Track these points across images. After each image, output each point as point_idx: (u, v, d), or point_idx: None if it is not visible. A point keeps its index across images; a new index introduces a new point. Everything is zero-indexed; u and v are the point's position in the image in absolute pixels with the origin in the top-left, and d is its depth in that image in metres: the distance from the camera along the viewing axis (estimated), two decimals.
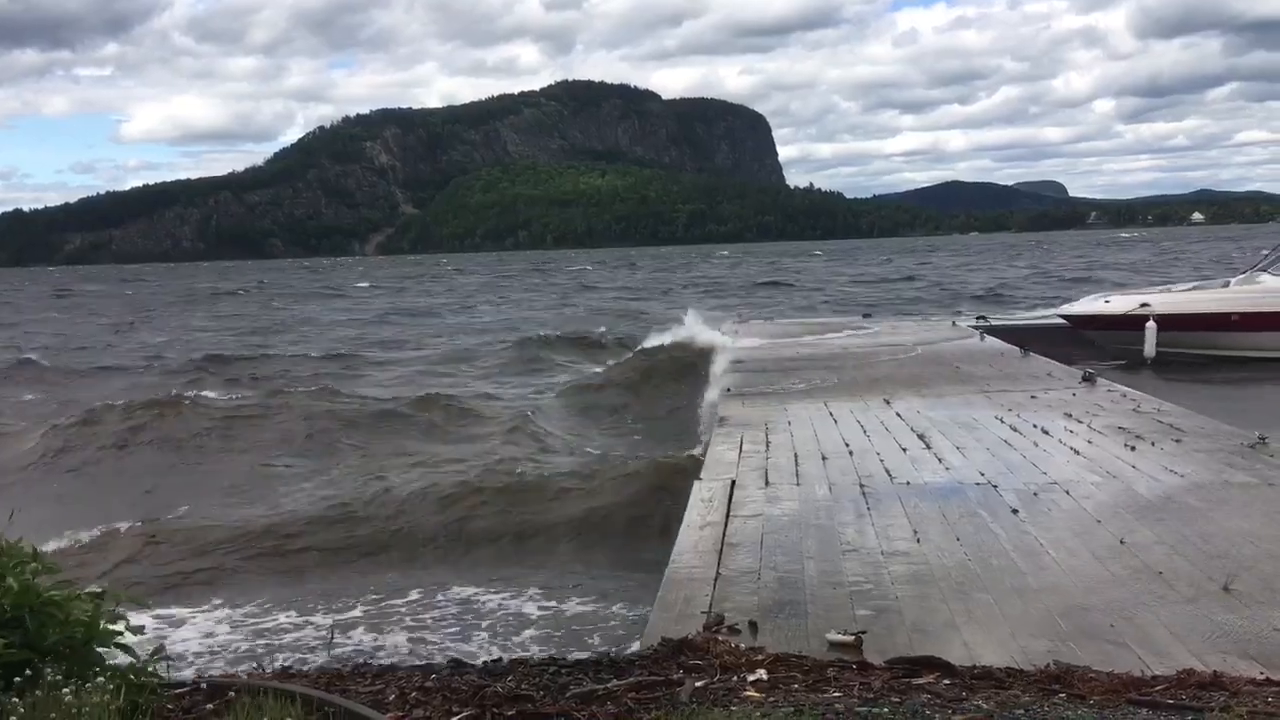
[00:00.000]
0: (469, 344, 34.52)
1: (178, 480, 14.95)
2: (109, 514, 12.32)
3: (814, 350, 18.57)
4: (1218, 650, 4.59)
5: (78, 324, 52.08)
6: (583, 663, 4.61)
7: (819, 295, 53.89)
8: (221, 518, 12.27)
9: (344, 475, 14.30)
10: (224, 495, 13.90)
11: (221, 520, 12.11)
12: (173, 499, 13.61)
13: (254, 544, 11.20)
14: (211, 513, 12.71)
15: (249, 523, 11.84)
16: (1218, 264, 57.31)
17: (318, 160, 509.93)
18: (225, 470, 15.30)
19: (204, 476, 15.09)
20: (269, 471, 15.05)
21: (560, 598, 9.26)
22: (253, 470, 15.13)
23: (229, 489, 14.22)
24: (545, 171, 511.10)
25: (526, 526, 11.42)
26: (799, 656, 4.55)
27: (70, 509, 13.20)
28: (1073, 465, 8.57)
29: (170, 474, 15.34)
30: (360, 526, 11.62)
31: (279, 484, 14.24)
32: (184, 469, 15.63)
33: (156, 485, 14.69)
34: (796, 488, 8.14)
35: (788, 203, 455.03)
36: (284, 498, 13.42)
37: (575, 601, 9.16)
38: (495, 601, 9.23)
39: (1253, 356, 18.98)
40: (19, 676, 3.23)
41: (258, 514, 12.37)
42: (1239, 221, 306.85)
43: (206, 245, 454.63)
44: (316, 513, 12.09)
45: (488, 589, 9.58)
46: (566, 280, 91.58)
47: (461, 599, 9.37)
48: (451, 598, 9.41)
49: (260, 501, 13.29)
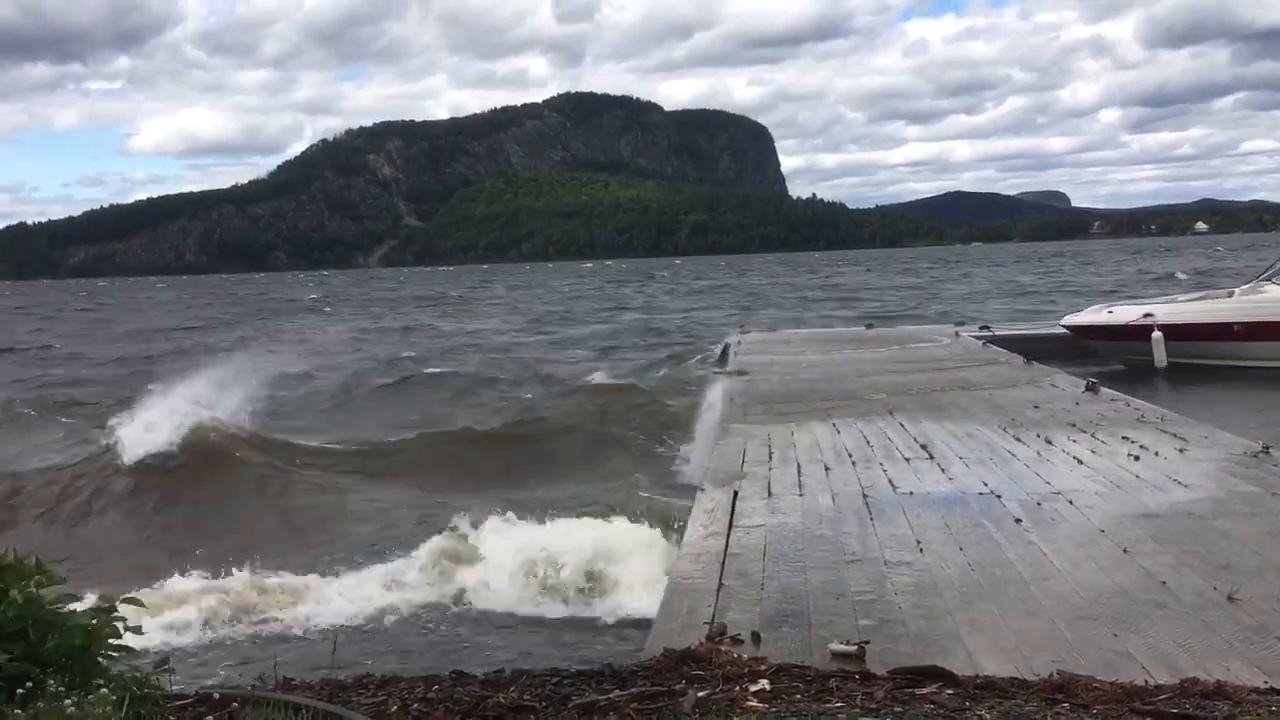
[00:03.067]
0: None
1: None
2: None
3: (816, 359, 18.57)
4: (1222, 660, 4.57)
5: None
6: (585, 673, 4.61)
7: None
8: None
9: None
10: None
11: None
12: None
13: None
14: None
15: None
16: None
17: (321, 172, 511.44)
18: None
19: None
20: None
21: None
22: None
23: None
24: (548, 183, 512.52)
25: None
26: (801, 667, 4.55)
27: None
28: (1076, 475, 8.56)
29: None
30: None
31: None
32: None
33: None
34: (799, 498, 8.14)
35: (790, 213, 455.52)
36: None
37: None
38: None
39: (1256, 367, 18.96)
40: (21, 688, 3.24)
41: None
42: (1242, 230, 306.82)
43: (209, 258, 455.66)
44: None
45: None
46: (709, 289, 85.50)
47: None
48: None
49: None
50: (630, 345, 36.14)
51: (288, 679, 4.88)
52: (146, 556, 12.29)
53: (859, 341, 22.12)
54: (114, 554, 12.80)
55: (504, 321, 52.80)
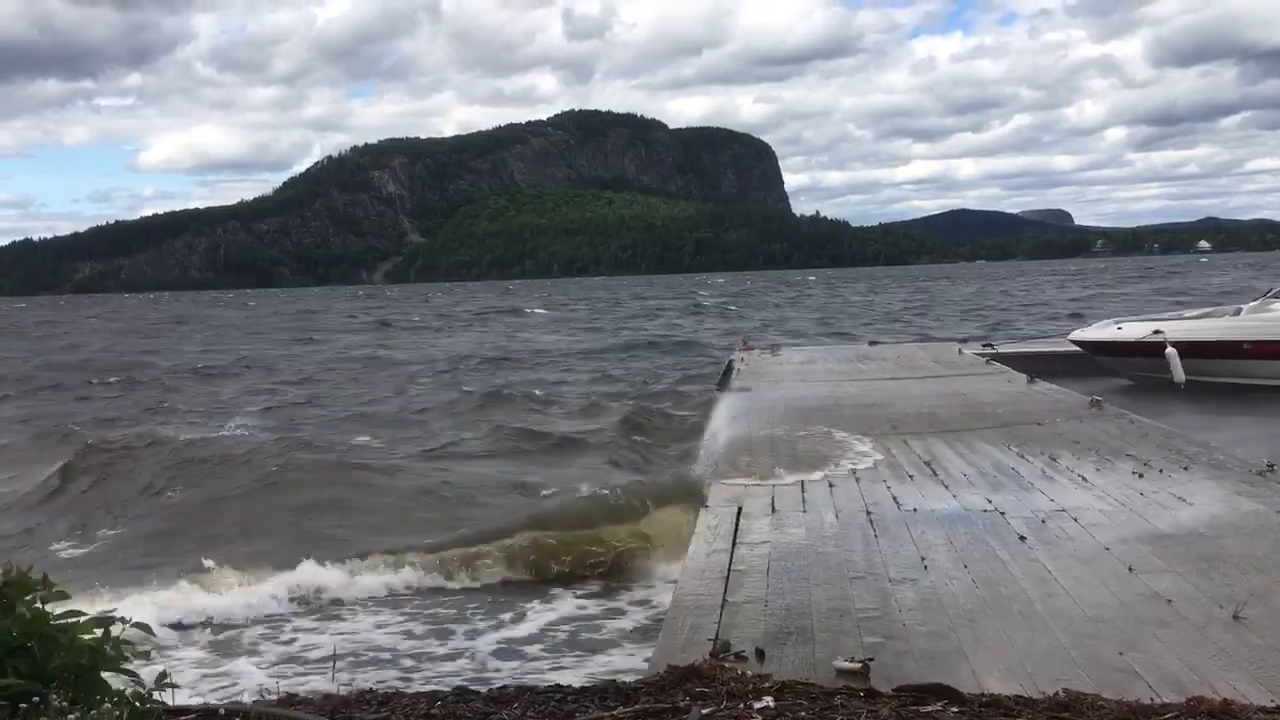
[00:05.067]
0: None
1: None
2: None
3: (819, 375, 18.57)
4: (1228, 679, 4.56)
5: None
6: (588, 690, 4.60)
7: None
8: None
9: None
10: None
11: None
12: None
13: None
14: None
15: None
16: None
17: (326, 189, 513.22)
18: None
19: None
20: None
21: None
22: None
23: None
24: (552, 200, 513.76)
25: None
26: (806, 684, 4.54)
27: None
28: (1081, 492, 8.55)
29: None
30: None
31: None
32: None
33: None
34: (803, 514, 8.13)
35: (794, 231, 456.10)
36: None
37: None
38: None
39: (1264, 385, 18.92)
40: (25, 704, 3.23)
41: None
42: (1245, 249, 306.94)
43: (215, 274, 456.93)
44: None
45: None
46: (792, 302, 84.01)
47: None
48: None
49: None
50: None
51: (290, 694, 4.88)
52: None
53: (862, 358, 22.12)
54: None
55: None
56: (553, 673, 7.66)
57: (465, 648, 8.81)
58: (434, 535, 11.53)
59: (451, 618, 9.72)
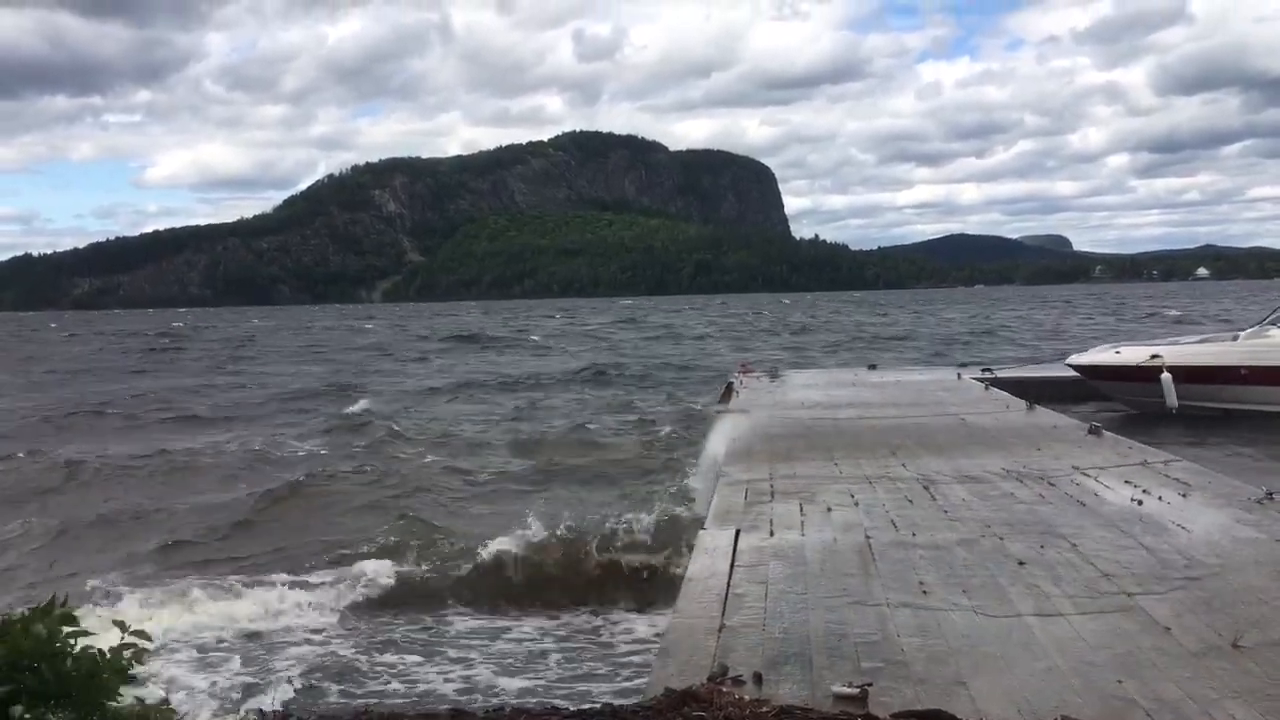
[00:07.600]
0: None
1: None
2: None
3: (818, 399, 18.57)
4: (1226, 708, 4.54)
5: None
6: (585, 713, 4.59)
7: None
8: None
9: None
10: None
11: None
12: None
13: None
14: None
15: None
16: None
17: (326, 208, 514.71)
18: None
19: None
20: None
21: None
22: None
23: None
24: (552, 220, 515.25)
25: None
26: (804, 708, 4.52)
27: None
28: (1079, 518, 8.53)
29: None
30: None
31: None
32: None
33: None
34: (802, 538, 8.11)
35: (793, 254, 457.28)
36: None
37: None
38: None
39: (1261, 411, 18.92)
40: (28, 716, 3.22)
41: None
42: (1244, 276, 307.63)
43: (213, 291, 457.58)
44: None
45: None
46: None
47: None
48: None
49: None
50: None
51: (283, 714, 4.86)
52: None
53: (861, 383, 22.12)
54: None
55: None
56: (549, 695, 7.64)
57: (460, 666, 8.80)
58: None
59: (447, 636, 9.71)
